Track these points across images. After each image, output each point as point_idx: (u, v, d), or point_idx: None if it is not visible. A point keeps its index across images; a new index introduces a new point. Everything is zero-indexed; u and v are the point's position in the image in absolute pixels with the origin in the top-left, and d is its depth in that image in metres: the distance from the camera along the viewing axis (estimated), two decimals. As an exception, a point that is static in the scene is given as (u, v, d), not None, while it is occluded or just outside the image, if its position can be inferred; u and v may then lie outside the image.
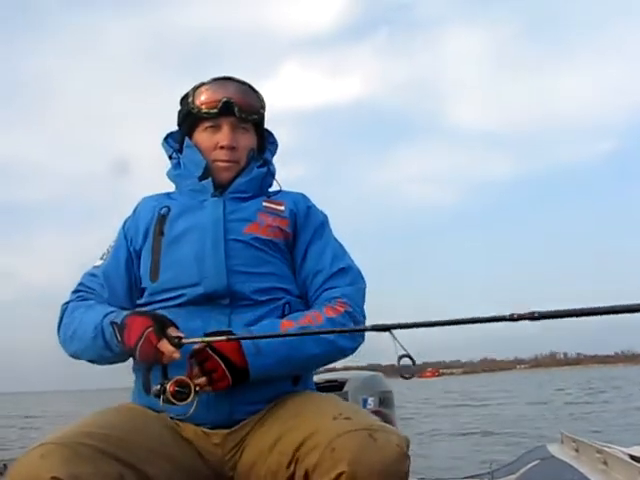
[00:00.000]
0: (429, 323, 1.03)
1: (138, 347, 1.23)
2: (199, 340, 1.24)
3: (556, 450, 3.16)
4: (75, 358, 1.43)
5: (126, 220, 1.55)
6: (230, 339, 1.23)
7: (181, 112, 1.55)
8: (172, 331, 1.24)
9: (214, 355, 1.24)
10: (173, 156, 1.55)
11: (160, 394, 1.20)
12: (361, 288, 1.47)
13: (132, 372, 1.42)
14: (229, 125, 1.48)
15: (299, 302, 1.45)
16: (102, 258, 1.51)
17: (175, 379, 1.21)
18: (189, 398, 1.20)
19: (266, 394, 1.33)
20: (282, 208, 1.49)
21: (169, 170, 1.56)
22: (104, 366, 1.41)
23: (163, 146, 1.58)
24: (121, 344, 1.28)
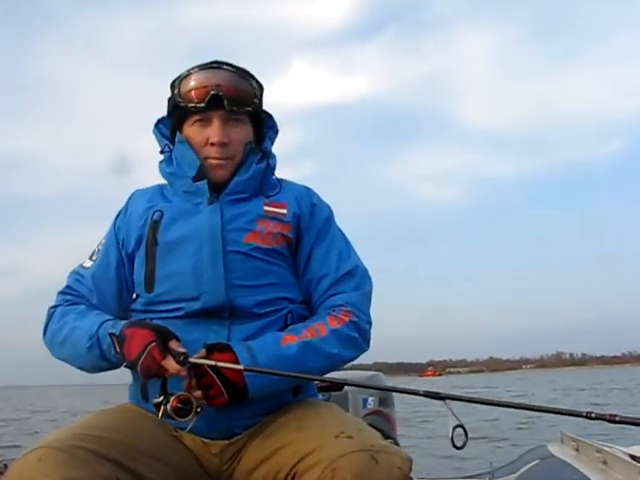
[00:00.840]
0: (488, 401, 1.01)
1: (140, 362, 1.20)
2: (206, 362, 1.20)
3: (556, 450, 3.16)
4: (64, 362, 1.39)
5: (117, 218, 1.47)
6: (247, 369, 1.19)
7: (170, 101, 1.43)
8: (174, 345, 1.21)
9: (210, 372, 1.21)
10: (165, 150, 1.45)
11: (161, 406, 1.19)
12: (367, 292, 1.41)
13: (131, 372, 1.40)
14: (219, 119, 1.36)
15: (302, 308, 1.40)
16: (91, 258, 1.45)
17: (178, 395, 1.19)
18: (189, 415, 1.19)
19: (266, 406, 1.31)
20: (284, 211, 1.40)
21: (161, 165, 1.46)
22: (93, 373, 1.37)
23: (154, 133, 1.48)
24: (120, 356, 1.25)
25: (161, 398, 1.20)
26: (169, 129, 1.46)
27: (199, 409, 1.19)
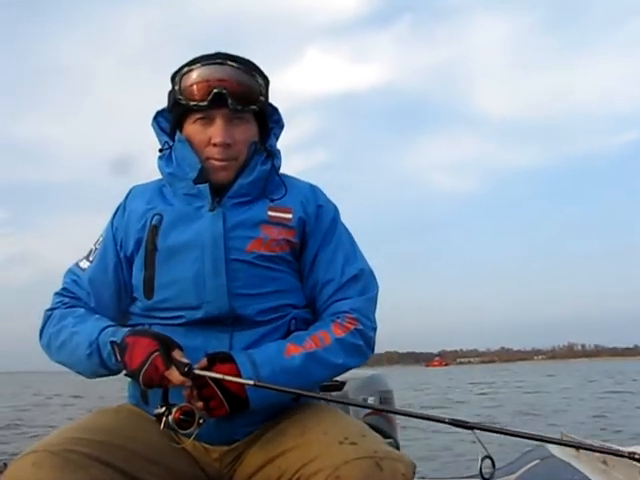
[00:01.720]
0: (518, 433, 1.00)
1: (142, 372, 1.17)
2: (212, 375, 1.18)
3: (556, 449, 3.15)
4: (61, 365, 1.36)
5: (115, 216, 1.41)
6: (257, 385, 1.16)
7: (171, 95, 1.36)
8: (177, 355, 1.18)
9: (212, 384, 1.19)
10: (164, 147, 1.38)
11: (163, 417, 1.17)
12: (372, 296, 1.38)
13: None
14: (222, 118, 1.30)
15: (306, 312, 1.38)
16: (88, 258, 1.40)
17: (181, 406, 1.17)
18: (192, 427, 1.17)
19: (269, 413, 1.29)
20: (289, 216, 1.34)
21: (160, 163, 1.39)
22: (92, 379, 1.36)
23: (153, 127, 1.40)
24: (121, 365, 1.22)
25: (163, 409, 1.17)
26: (170, 123, 1.39)
27: (201, 420, 1.17)
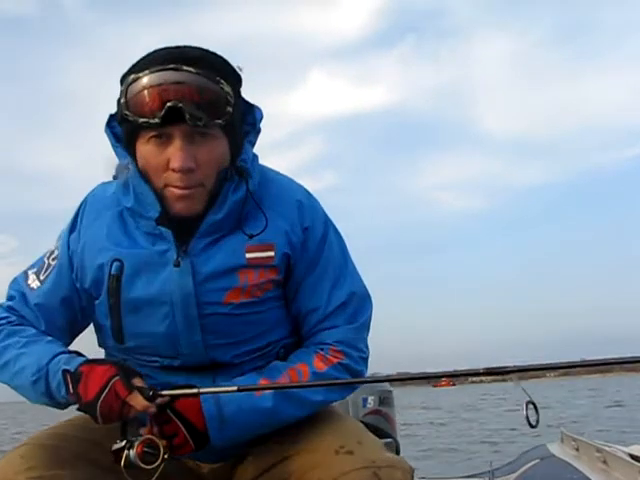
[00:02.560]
0: (561, 365, 0.89)
1: (99, 401, 1.03)
2: (186, 392, 1.07)
3: (556, 449, 3.16)
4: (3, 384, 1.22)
5: (70, 234, 1.21)
6: (241, 388, 1.05)
7: (119, 107, 1.10)
8: (138, 382, 1.06)
9: (175, 418, 1.07)
10: (117, 169, 1.16)
11: (123, 451, 1.03)
12: (362, 323, 1.21)
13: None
14: (181, 136, 1.06)
15: (295, 340, 1.23)
16: (39, 275, 1.21)
17: (145, 438, 1.03)
18: (157, 462, 1.03)
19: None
20: (271, 254, 1.14)
21: (117, 189, 1.16)
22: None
23: (106, 134, 1.15)
24: (73, 397, 1.07)
25: (123, 442, 1.04)
26: (124, 134, 1.13)
27: (166, 455, 1.04)
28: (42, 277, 1.21)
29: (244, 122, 1.16)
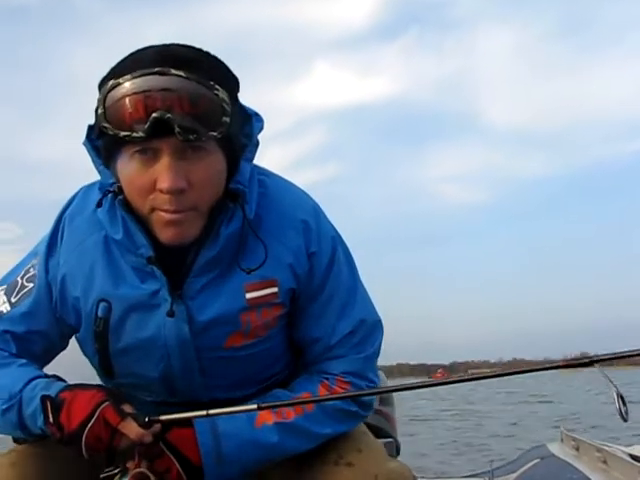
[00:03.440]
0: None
1: (86, 431, 0.92)
2: (183, 416, 0.97)
3: (556, 449, 3.17)
4: None
5: (48, 259, 1.07)
6: (261, 406, 0.95)
7: (97, 118, 0.94)
8: (128, 408, 0.96)
9: (168, 452, 0.98)
10: (105, 191, 1.00)
11: (114, 477, 0.97)
12: (372, 353, 1.11)
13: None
14: (170, 151, 0.90)
15: (299, 363, 1.16)
16: (10, 298, 1.08)
17: (136, 472, 0.94)
18: None
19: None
20: (274, 291, 1.03)
21: (102, 215, 1.01)
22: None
23: (85, 147, 1.00)
24: (52, 428, 0.96)
25: (117, 470, 0.96)
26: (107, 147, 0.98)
27: None
28: (14, 300, 1.08)
29: (242, 133, 1.01)
